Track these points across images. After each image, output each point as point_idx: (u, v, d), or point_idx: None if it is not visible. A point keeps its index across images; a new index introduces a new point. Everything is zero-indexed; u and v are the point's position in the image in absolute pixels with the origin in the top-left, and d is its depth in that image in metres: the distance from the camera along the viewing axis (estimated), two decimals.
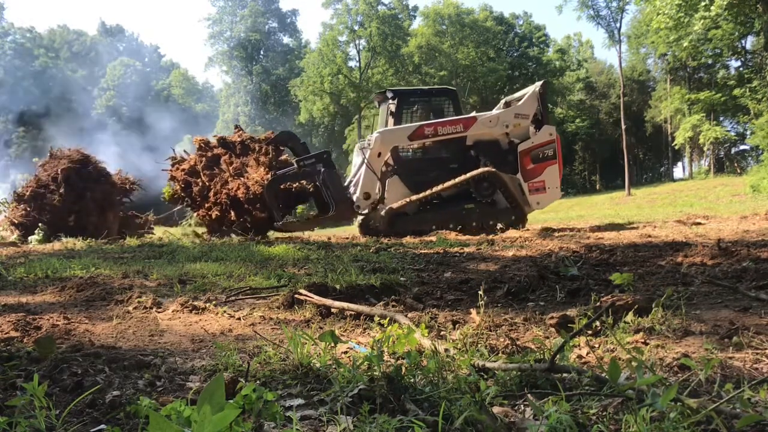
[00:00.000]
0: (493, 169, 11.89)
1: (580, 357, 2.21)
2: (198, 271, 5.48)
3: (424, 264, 5.86)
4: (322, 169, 12.04)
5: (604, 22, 51.44)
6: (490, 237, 9.55)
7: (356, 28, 52.31)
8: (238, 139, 13.25)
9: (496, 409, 1.59)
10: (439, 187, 11.91)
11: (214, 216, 12.44)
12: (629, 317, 2.66)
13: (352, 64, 54.68)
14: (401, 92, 13.59)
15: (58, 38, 73.36)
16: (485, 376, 1.91)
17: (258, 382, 1.95)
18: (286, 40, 62.82)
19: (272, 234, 12.64)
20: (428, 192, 11.94)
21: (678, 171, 61.56)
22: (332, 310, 3.31)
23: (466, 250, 7.34)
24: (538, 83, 12.85)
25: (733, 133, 50.11)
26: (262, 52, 58.66)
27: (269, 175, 11.98)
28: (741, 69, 44.16)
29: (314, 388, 1.91)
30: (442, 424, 1.46)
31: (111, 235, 12.71)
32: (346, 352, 2.42)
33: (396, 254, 6.98)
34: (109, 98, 64.72)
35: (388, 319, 2.75)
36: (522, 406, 1.68)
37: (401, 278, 4.60)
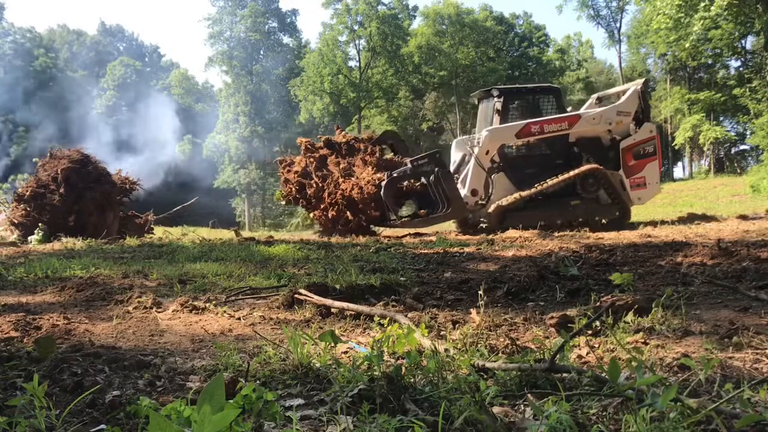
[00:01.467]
0: (600, 167, 12.17)
1: (580, 357, 2.21)
2: (198, 271, 5.48)
3: (424, 264, 5.86)
4: (436, 169, 12.36)
5: (604, 22, 51.52)
6: (490, 237, 9.54)
7: (356, 28, 52.28)
8: (343, 140, 13.72)
9: (496, 409, 1.59)
10: (549, 182, 12.21)
11: (330, 216, 12.91)
12: (629, 317, 2.66)
13: (352, 64, 54.66)
14: (507, 90, 13.89)
15: (58, 38, 73.34)
16: (485, 376, 1.91)
17: (258, 382, 1.95)
18: (286, 40, 62.78)
19: (380, 230, 13.06)
20: (539, 187, 12.25)
21: (678, 171, 61.56)
22: (332, 310, 3.31)
23: (466, 250, 7.34)
24: (640, 81, 12.98)
25: (733, 133, 50.13)
26: (262, 52, 58.62)
27: (378, 175, 12.46)
28: (741, 69, 44.16)
29: (314, 388, 1.91)
30: (442, 424, 1.46)
31: (111, 235, 12.71)
32: (346, 352, 2.42)
33: (396, 254, 6.98)
34: (109, 98, 64.70)
35: (388, 319, 2.75)
36: (522, 406, 1.68)
37: (401, 278, 4.60)
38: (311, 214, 14.04)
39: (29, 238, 12.41)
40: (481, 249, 7.40)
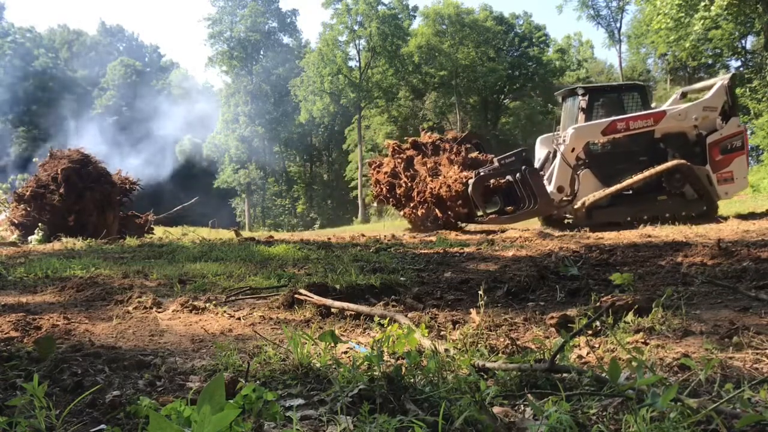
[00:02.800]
0: (685, 162, 12.15)
1: (580, 357, 2.21)
2: (198, 271, 5.48)
3: (424, 264, 5.86)
4: (522, 167, 12.83)
5: (604, 22, 51.46)
6: (490, 237, 9.54)
7: (356, 28, 52.23)
8: (429, 141, 14.48)
9: (496, 409, 1.59)
10: (636, 178, 12.27)
11: (420, 214, 13.83)
12: (629, 317, 2.66)
13: (352, 64, 54.59)
14: (592, 89, 13.95)
15: (58, 38, 73.34)
16: (485, 376, 1.91)
17: (258, 382, 1.95)
18: (286, 40, 62.75)
19: (467, 227, 13.65)
20: (625, 183, 12.34)
21: None
22: (332, 310, 3.31)
23: (466, 250, 7.34)
24: (726, 76, 12.92)
25: None
26: (262, 52, 58.60)
27: (465, 173, 13.11)
28: (741, 69, 44.14)
29: (314, 388, 1.91)
30: (442, 424, 1.46)
31: (111, 235, 12.71)
32: (346, 352, 2.42)
33: (396, 254, 6.98)
34: (109, 98, 64.70)
35: (388, 319, 2.75)
36: (522, 406, 1.68)
37: (401, 278, 4.60)
38: (401, 212, 14.92)
39: (29, 238, 12.41)
40: (481, 249, 7.40)
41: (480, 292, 2.85)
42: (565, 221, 13.45)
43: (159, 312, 3.51)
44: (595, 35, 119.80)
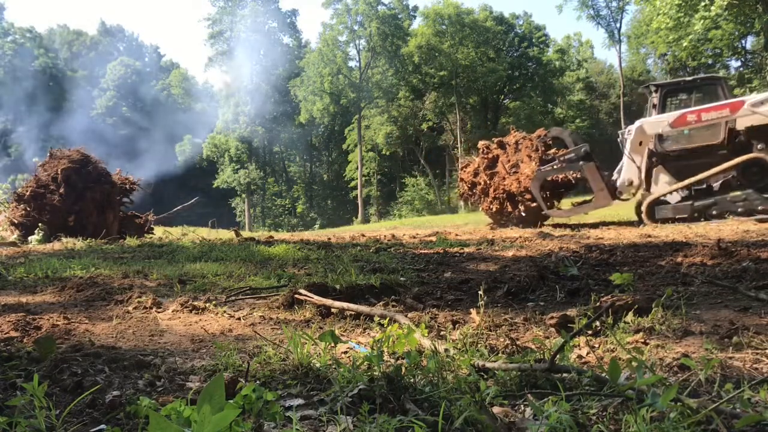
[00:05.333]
0: (761, 155, 11.48)
1: (580, 357, 2.21)
2: (198, 271, 5.48)
3: (424, 264, 5.86)
4: (580, 162, 13.30)
5: (604, 22, 51.45)
6: (490, 237, 9.55)
7: (356, 28, 52.25)
8: (513, 139, 15.11)
9: (496, 409, 1.59)
10: (702, 174, 11.84)
11: (494, 209, 14.69)
12: (629, 317, 2.66)
13: (352, 64, 54.61)
14: (663, 84, 13.66)
15: (58, 38, 73.34)
16: (485, 376, 1.91)
17: (258, 382, 1.95)
18: (286, 40, 62.79)
19: (550, 221, 14.21)
20: (686, 181, 12.02)
21: None
22: (332, 310, 3.31)
23: (466, 250, 7.34)
24: None
25: None
26: (262, 52, 58.61)
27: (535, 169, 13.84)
28: (741, 69, 44.15)
29: (314, 388, 1.91)
30: (442, 424, 1.46)
31: (111, 235, 12.71)
32: (346, 352, 2.42)
33: (396, 254, 6.98)
34: (109, 98, 64.69)
35: (388, 319, 2.75)
36: (522, 406, 1.68)
37: (401, 278, 4.60)
38: (480, 207, 15.98)
39: (29, 238, 12.41)
40: (481, 249, 7.40)
41: (480, 292, 2.85)
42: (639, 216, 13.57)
43: (159, 312, 3.51)
44: (595, 35, 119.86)
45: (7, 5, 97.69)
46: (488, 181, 14.94)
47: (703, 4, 25.47)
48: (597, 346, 2.35)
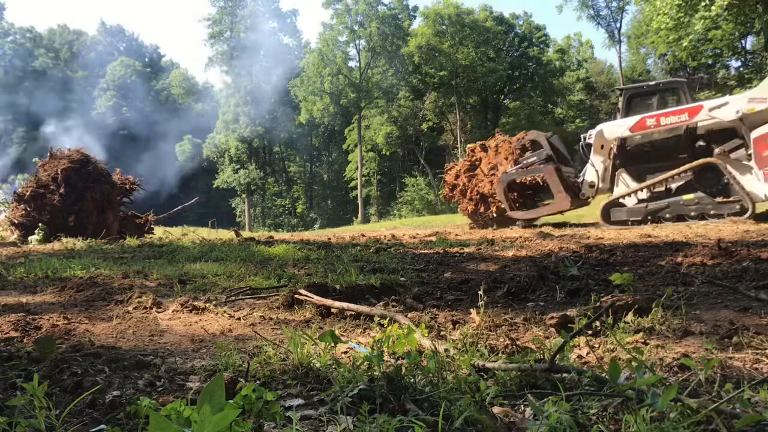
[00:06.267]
0: (714, 159, 11.59)
1: (580, 357, 2.21)
2: (198, 271, 5.48)
3: (424, 264, 5.86)
4: (540, 165, 13.84)
5: (604, 22, 51.47)
6: (490, 237, 9.55)
7: (356, 28, 52.25)
8: (494, 143, 15.88)
9: (496, 409, 1.59)
10: (660, 177, 12.11)
11: (470, 209, 15.46)
12: (629, 317, 2.66)
13: (352, 64, 54.60)
14: (627, 89, 13.93)
15: (58, 38, 73.32)
16: (485, 376, 1.91)
17: (258, 382, 1.95)
18: (286, 40, 62.79)
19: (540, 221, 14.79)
20: (640, 185, 12.36)
21: None
22: (332, 310, 3.31)
23: (466, 250, 7.34)
24: None
25: None
26: (262, 52, 58.61)
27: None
28: (741, 69, 44.15)
29: (314, 388, 1.91)
30: (442, 424, 1.46)
31: (111, 235, 12.71)
32: (346, 352, 2.41)
33: (396, 254, 6.98)
34: (109, 98, 64.70)
35: (388, 319, 2.75)
36: (522, 406, 1.68)
37: (401, 278, 4.60)
38: (459, 208, 16.83)
39: (29, 238, 12.41)
40: (481, 249, 7.40)
41: (480, 292, 2.85)
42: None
43: (159, 312, 3.51)
44: (595, 35, 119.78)
45: (7, 5, 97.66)
46: (467, 183, 15.61)
47: (703, 4, 25.46)
48: (597, 346, 2.35)
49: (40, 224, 12.53)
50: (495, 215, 14.75)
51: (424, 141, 56.02)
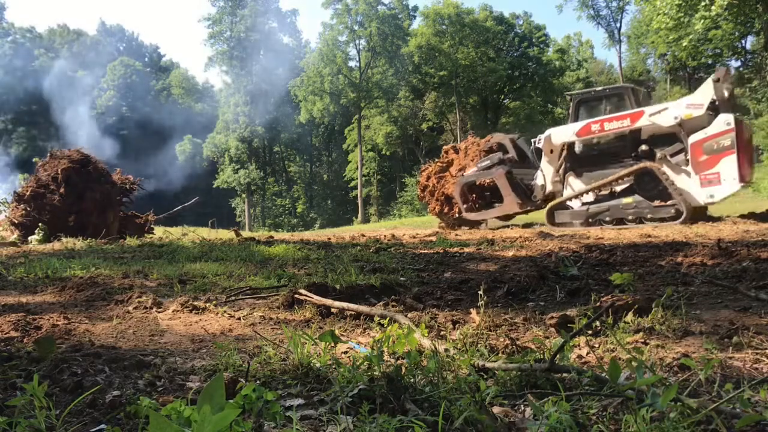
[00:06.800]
0: (651, 164, 11.94)
1: (580, 357, 2.21)
2: (198, 271, 5.48)
3: (424, 264, 5.86)
4: (492, 169, 14.37)
5: (604, 22, 51.50)
6: (490, 237, 9.55)
7: (356, 28, 52.25)
8: (464, 145, 16.56)
9: (496, 409, 1.59)
10: (601, 182, 12.57)
11: (437, 210, 16.13)
12: (629, 317, 2.65)
13: (352, 64, 54.60)
14: (576, 95, 14.42)
15: (58, 38, 73.32)
16: (485, 376, 1.91)
17: (258, 382, 1.95)
18: (286, 40, 62.78)
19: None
20: (583, 189, 12.88)
21: None
22: (332, 310, 3.31)
23: (466, 250, 7.34)
24: (722, 69, 12.32)
25: None
26: (262, 52, 58.59)
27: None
28: (741, 69, 44.15)
29: (314, 388, 1.91)
30: (442, 424, 1.46)
31: (111, 235, 12.71)
32: (346, 352, 2.41)
33: (396, 254, 6.98)
34: (109, 98, 64.69)
35: (388, 319, 2.75)
36: (522, 406, 1.68)
37: (401, 278, 4.60)
38: (428, 208, 17.42)
39: (29, 238, 12.41)
40: (481, 249, 7.40)
41: (480, 292, 2.85)
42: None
43: (159, 312, 3.51)
44: (595, 35, 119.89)
45: (7, 5, 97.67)
46: (435, 184, 16.24)
47: (703, 4, 25.47)
48: (597, 346, 2.35)
49: (40, 224, 12.53)
50: (457, 215, 15.39)
51: (424, 141, 56.03)
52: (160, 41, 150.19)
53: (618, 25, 51.37)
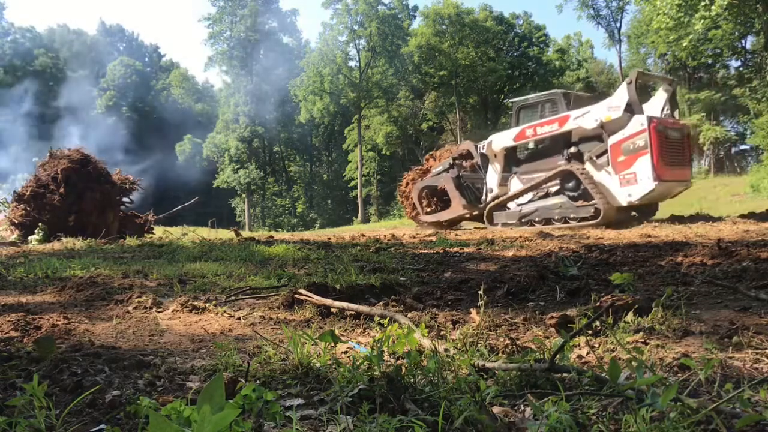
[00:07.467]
0: (570, 166, 12.48)
1: (580, 357, 2.21)
2: (198, 271, 5.48)
3: (424, 264, 5.86)
4: (443, 174, 15.31)
5: (604, 21, 51.50)
6: (490, 237, 9.55)
7: (356, 28, 52.23)
8: (439, 153, 17.89)
9: (496, 409, 1.59)
10: (529, 184, 13.26)
11: (409, 212, 17.51)
12: (629, 317, 2.65)
13: (352, 64, 54.59)
14: (516, 101, 15.05)
15: (58, 38, 73.30)
16: (485, 376, 1.91)
17: (258, 382, 1.95)
18: (286, 40, 62.74)
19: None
20: (514, 192, 13.61)
21: None
22: (332, 310, 3.31)
23: (466, 250, 7.34)
24: (635, 71, 12.54)
25: (733, 133, 50.11)
26: (262, 52, 58.57)
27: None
28: (741, 69, 44.15)
29: (314, 388, 1.91)
30: (442, 424, 1.46)
31: (111, 234, 12.71)
32: (346, 352, 2.41)
33: (396, 254, 6.98)
34: (110, 98, 64.67)
35: (388, 319, 2.75)
36: (522, 406, 1.68)
37: (401, 278, 4.60)
38: (405, 212, 18.77)
39: (29, 238, 12.41)
40: (481, 249, 7.40)
41: (480, 292, 2.85)
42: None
43: (159, 312, 3.51)
44: (595, 35, 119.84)
45: (7, 5, 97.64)
46: (410, 189, 17.26)
47: (703, 4, 25.46)
48: (597, 346, 2.35)
49: (40, 224, 12.53)
50: (416, 217, 16.69)
51: (424, 141, 56.01)
52: (160, 41, 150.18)
53: (618, 25, 51.37)
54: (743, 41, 42.93)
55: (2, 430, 1.50)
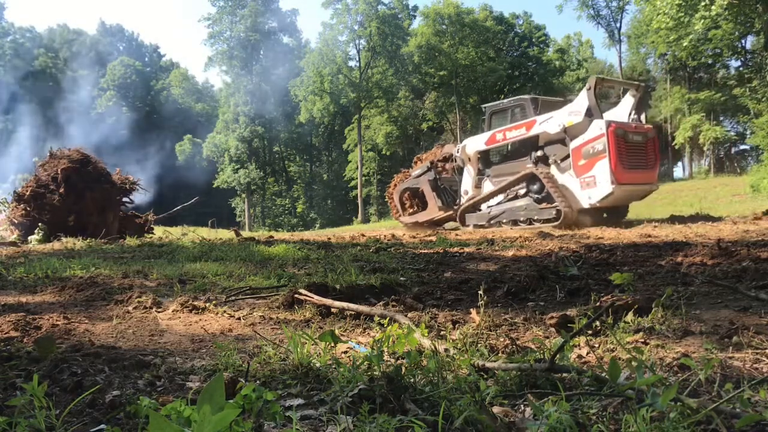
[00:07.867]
0: (533, 169, 12.85)
1: (580, 357, 2.21)
2: (198, 271, 5.48)
3: (424, 264, 5.86)
4: (421, 178, 15.86)
5: (604, 21, 51.52)
6: (490, 237, 9.55)
7: (356, 28, 52.24)
8: (425, 156, 18.13)
9: (496, 409, 1.59)
10: (497, 187, 13.75)
11: (394, 214, 18.08)
12: (629, 317, 2.65)
13: (352, 64, 54.59)
14: (488, 106, 15.53)
15: (58, 38, 73.29)
16: (485, 376, 1.91)
17: (258, 382, 1.95)
18: (286, 40, 62.73)
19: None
20: (485, 193, 14.07)
21: (678, 171, 61.49)
22: (332, 310, 3.31)
23: (466, 250, 7.34)
24: (593, 77, 12.74)
25: (733, 133, 50.15)
26: (262, 52, 58.56)
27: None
28: (741, 69, 44.15)
29: (314, 387, 1.91)
30: (442, 424, 1.46)
31: (111, 234, 12.71)
32: (346, 352, 2.41)
33: (396, 254, 6.98)
34: (109, 98, 64.67)
35: (388, 319, 2.75)
36: (522, 406, 1.68)
37: (401, 278, 4.60)
38: (392, 213, 19.32)
39: (29, 238, 12.41)
40: (481, 249, 7.40)
41: (480, 292, 2.85)
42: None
43: (159, 312, 3.51)
44: (595, 35, 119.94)
45: (7, 5, 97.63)
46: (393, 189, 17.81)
47: (703, 4, 25.47)
48: (597, 346, 2.35)
49: (40, 224, 12.53)
50: (397, 218, 17.35)
51: (424, 141, 56.02)
52: (160, 41, 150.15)
53: (618, 25, 51.40)
54: (743, 41, 42.95)
55: (2, 430, 1.50)
